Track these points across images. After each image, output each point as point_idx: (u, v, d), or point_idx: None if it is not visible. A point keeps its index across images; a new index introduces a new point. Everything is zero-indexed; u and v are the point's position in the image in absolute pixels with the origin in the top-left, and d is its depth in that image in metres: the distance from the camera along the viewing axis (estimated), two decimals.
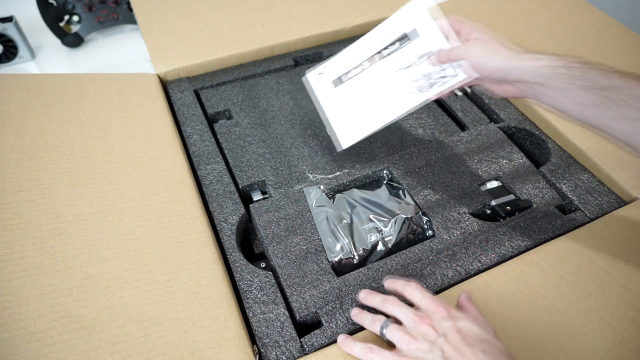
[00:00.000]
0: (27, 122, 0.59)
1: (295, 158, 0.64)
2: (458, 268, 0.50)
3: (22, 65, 0.81)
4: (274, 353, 0.44)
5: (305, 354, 0.44)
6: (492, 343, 0.37)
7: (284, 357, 0.44)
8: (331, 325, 0.46)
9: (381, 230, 0.54)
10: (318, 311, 0.47)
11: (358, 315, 0.45)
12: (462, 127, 0.69)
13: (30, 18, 0.82)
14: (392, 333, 0.41)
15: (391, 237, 0.54)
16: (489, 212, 0.57)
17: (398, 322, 0.42)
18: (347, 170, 0.61)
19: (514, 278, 0.48)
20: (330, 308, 0.47)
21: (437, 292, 0.48)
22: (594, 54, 0.74)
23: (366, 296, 0.46)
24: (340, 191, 0.59)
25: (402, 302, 0.43)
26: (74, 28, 0.84)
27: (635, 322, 0.44)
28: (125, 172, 0.56)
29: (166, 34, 0.75)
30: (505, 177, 0.61)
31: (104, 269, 0.47)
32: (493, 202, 0.57)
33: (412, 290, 0.43)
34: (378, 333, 0.42)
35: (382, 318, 0.43)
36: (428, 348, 0.38)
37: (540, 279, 0.48)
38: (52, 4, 0.81)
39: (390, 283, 0.47)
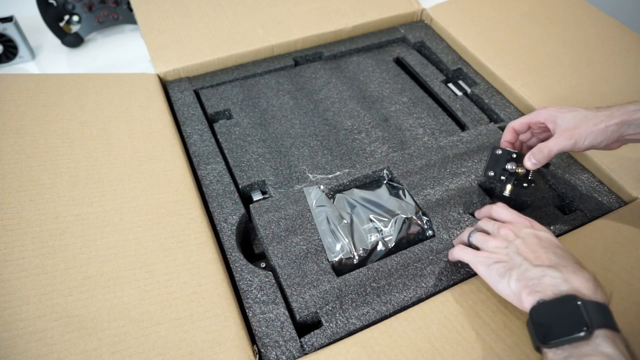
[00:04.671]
0: (27, 122, 0.59)
1: (295, 158, 0.64)
2: (458, 268, 0.50)
3: (22, 65, 0.81)
4: (274, 353, 0.44)
5: (305, 354, 0.44)
6: (566, 251, 0.40)
7: (284, 357, 0.44)
8: (331, 325, 0.46)
9: (381, 230, 0.54)
10: (318, 311, 0.47)
11: (457, 240, 0.50)
12: (462, 127, 0.69)
13: (30, 18, 0.82)
14: (476, 237, 0.46)
15: (391, 237, 0.54)
16: None
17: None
18: (347, 170, 0.61)
19: None
20: (330, 308, 0.47)
21: (436, 292, 0.48)
22: (594, 54, 0.74)
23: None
24: (340, 191, 0.59)
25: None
26: (74, 28, 0.84)
27: (638, 317, 0.44)
28: (125, 172, 0.56)
29: (166, 34, 0.75)
30: None
31: (104, 269, 0.47)
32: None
33: (498, 208, 0.47)
34: (466, 240, 0.47)
35: (471, 228, 0.48)
36: (505, 245, 0.42)
37: None
38: (52, 4, 0.80)
39: (478, 213, 0.51)
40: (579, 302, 0.34)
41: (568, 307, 0.35)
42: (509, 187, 0.52)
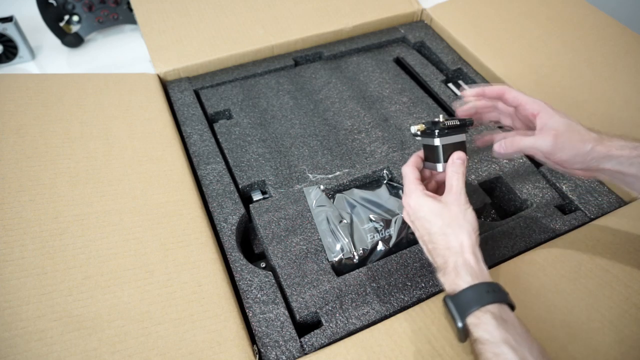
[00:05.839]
0: (27, 122, 0.59)
1: (295, 158, 0.64)
2: None
3: (22, 65, 0.81)
4: (273, 353, 0.44)
5: (305, 354, 0.44)
6: (437, 232, 0.41)
7: (283, 357, 0.44)
8: (331, 325, 0.46)
9: (381, 230, 0.54)
10: (318, 311, 0.47)
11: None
12: None
13: (30, 18, 0.82)
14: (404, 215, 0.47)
15: (391, 237, 0.54)
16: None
17: None
18: (347, 170, 0.61)
19: (514, 277, 0.48)
20: (330, 308, 0.47)
21: (436, 293, 0.48)
22: (594, 54, 0.74)
23: None
24: (340, 191, 0.59)
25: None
26: (74, 28, 0.84)
27: (636, 320, 0.44)
28: (125, 172, 0.56)
29: (166, 34, 0.75)
30: (506, 177, 0.61)
31: (104, 269, 0.47)
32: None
33: (404, 173, 0.47)
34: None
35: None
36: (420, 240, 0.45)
37: (540, 277, 0.48)
38: (52, 4, 0.81)
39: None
40: (449, 303, 0.39)
41: (446, 308, 0.39)
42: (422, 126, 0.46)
